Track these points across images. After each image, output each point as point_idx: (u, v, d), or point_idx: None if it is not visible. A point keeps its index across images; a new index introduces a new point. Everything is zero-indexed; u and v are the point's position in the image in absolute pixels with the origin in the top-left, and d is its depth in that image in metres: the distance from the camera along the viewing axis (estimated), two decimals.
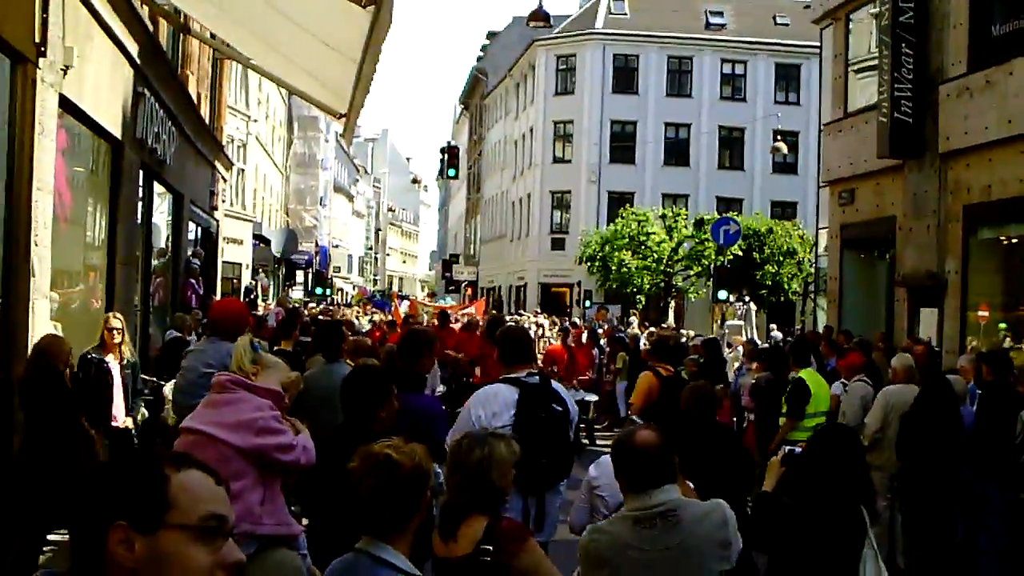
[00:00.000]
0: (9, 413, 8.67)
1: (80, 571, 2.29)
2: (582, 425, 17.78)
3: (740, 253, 39.06)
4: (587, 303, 48.85)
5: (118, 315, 11.04)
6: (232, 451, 5.57)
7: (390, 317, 30.52)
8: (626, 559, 4.77)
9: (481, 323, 22.33)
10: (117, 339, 10.64)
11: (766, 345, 22.74)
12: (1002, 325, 18.64)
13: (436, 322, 22.79)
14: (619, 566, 4.79)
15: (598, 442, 18.92)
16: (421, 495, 3.96)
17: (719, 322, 32.26)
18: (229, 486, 2.41)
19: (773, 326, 34.09)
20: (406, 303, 42.82)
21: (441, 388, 17.53)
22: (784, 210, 53.51)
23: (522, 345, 7.68)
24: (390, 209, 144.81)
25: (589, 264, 47.57)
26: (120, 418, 10.59)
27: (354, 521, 3.96)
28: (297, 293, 57.15)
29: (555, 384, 7.51)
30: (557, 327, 26.09)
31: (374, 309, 41.73)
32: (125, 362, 10.78)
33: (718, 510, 4.89)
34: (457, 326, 23.29)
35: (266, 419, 5.76)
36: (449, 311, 28.09)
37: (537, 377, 7.36)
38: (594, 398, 20.06)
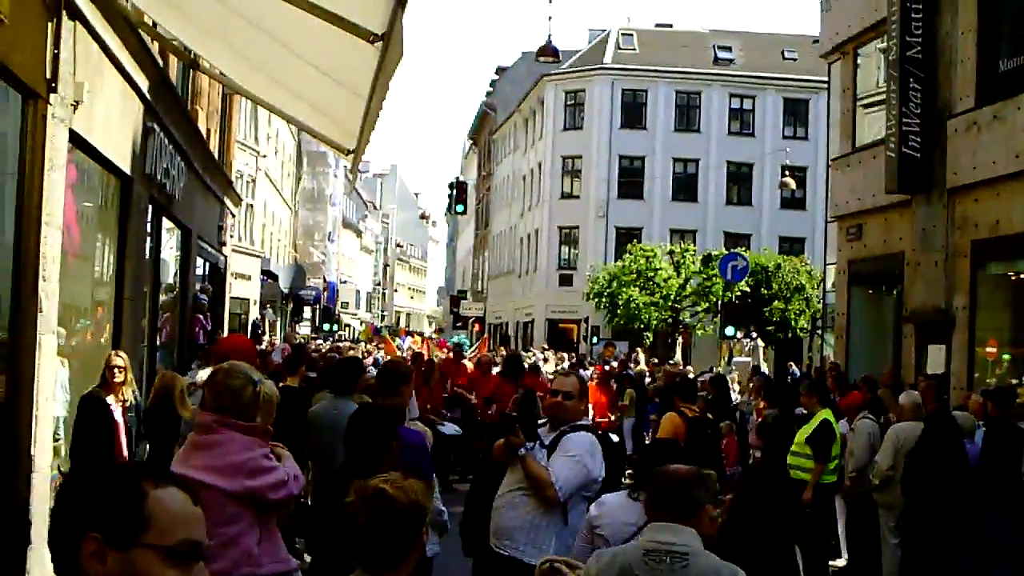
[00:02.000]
0: (14, 445, 8.66)
1: None
2: None
3: (748, 289, 39.07)
4: (594, 339, 48.75)
5: (121, 353, 10.75)
6: (225, 496, 5.43)
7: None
8: None
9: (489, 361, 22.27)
10: (119, 378, 10.21)
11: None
12: (1006, 357, 18.60)
13: (450, 357, 22.74)
14: None
15: None
16: (416, 532, 3.92)
17: (726, 358, 32.21)
18: (206, 506, 2.40)
19: (791, 364, 33.97)
20: (408, 340, 42.70)
21: (455, 428, 17.29)
22: (792, 245, 53.45)
23: None
24: (398, 245, 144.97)
25: (597, 300, 47.50)
26: None
27: (350, 556, 3.93)
28: (305, 329, 57.17)
29: None
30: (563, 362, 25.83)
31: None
32: (128, 403, 10.32)
33: (734, 571, 4.79)
34: (469, 364, 22.98)
35: (256, 459, 5.63)
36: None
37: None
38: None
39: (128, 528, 2.24)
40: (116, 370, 10.22)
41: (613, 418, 19.94)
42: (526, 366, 19.94)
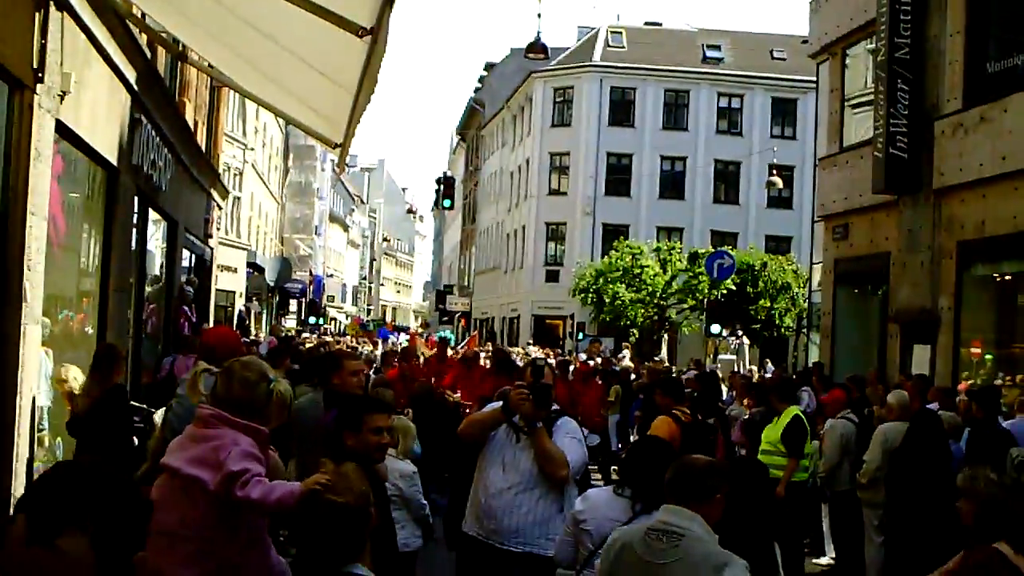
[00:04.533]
0: (5, 436, 8.64)
1: None
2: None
3: (734, 287, 39.09)
4: (580, 336, 48.77)
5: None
6: (207, 495, 5.27)
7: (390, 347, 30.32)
8: (624, 558, 5.08)
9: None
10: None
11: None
12: (988, 357, 18.69)
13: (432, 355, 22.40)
14: (619, 561, 5.13)
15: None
16: (367, 519, 3.93)
17: (712, 356, 32.24)
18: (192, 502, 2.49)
19: (767, 360, 34.03)
20: (393, 336, 42.56)
21: None
22: (778, 244, 53.44)
23: None
24: (385, 239, 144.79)
25: (583, 296, 47.50)
26: None
27: (316, 553, 3.95)
28: (290, 322, 57.08)
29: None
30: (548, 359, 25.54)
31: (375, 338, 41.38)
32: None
33: (724, 563, 4.89)
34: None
35: (236, 457, 5.30)
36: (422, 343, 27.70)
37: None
38: (596, 440, 18.55)
39: None
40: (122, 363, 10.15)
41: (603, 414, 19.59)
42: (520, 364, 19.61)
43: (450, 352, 23.67)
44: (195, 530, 5.35)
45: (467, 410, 16.52)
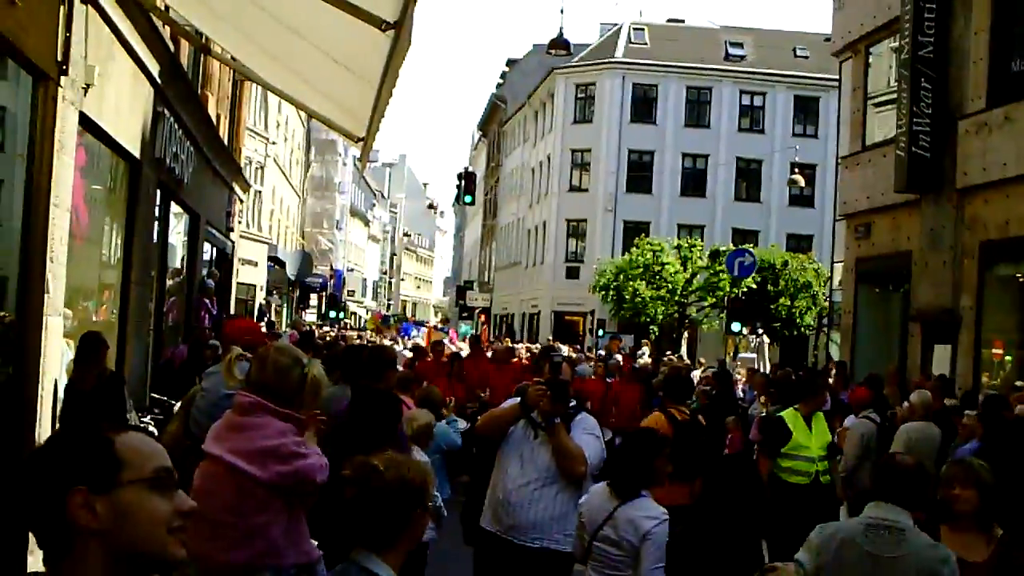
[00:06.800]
0: (20, 426, 8.67)
1: (51, 553, 2.39)
2: None
3: (754, 285, 38.95)
4: (600, 332, 48.73)
5: None
6: (256, 484, 5.33)
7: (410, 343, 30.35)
8: (846, 552, 5.30)
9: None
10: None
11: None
12: (1008, 358, 18.61)
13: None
14: (840, 556, 5.33)
15: None
16: (410, 509, 3.88)
17: (732, 354, 32.16)
18: (236, 492, 2.41)
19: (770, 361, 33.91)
20: (423, 330, 42.52)
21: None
22: (800, 243, 53.37)
23: None
24: (406, 234, 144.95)
25: (603, 293, 47.42)
26: None
27: (344, 533, 3.91)
28: (310, 316, 57.18)
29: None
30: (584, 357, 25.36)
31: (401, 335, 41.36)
32: None
33: (947, 556, 5.22)
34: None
35: (287, 445, 5.45)
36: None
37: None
38: None
39: (106, 471, 2.36)
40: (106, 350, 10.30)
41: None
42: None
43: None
44: (239, 516, 5.39)
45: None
